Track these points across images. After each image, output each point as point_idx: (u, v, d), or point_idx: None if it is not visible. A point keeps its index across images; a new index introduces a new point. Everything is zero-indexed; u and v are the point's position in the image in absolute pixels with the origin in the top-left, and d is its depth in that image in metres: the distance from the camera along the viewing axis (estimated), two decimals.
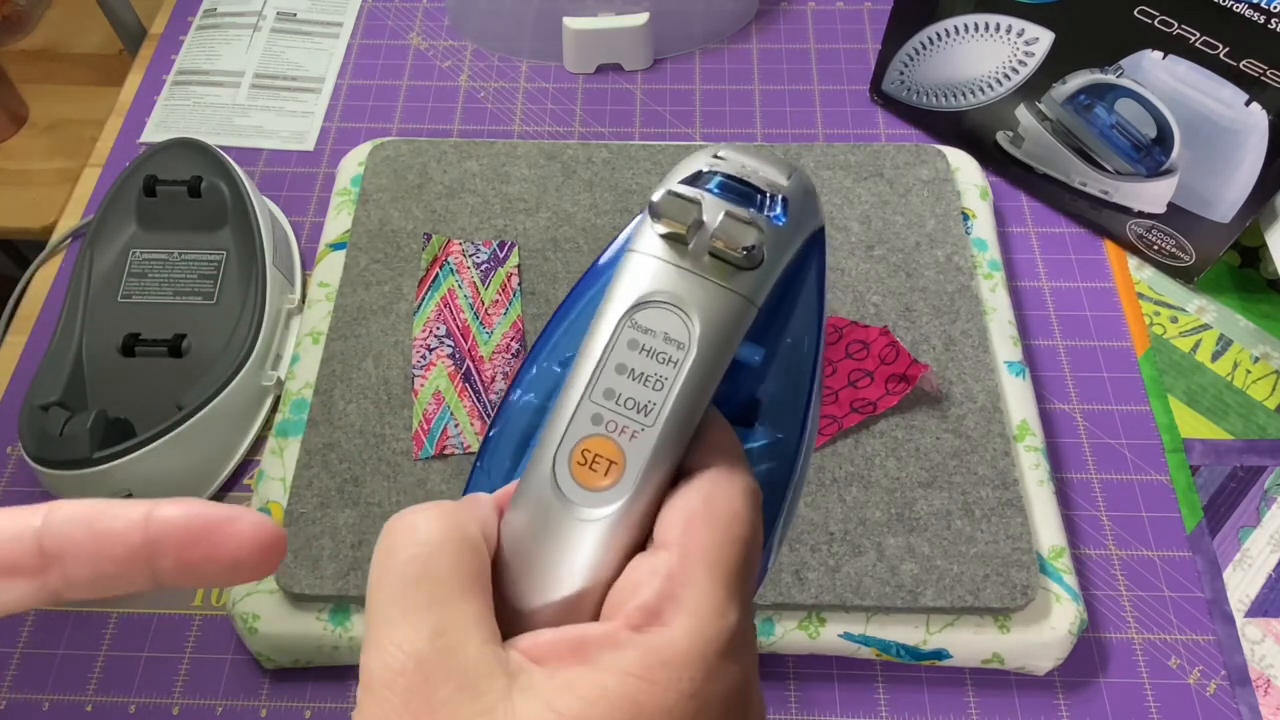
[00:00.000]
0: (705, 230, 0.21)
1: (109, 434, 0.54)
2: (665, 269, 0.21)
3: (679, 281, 0.21)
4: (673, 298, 0.21)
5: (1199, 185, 0.63)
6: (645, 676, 0.17)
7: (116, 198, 0.65)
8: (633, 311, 0.21)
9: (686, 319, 0.21)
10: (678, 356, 0.20)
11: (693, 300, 0.21)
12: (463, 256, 0.64)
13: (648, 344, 0.21)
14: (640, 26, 0.78)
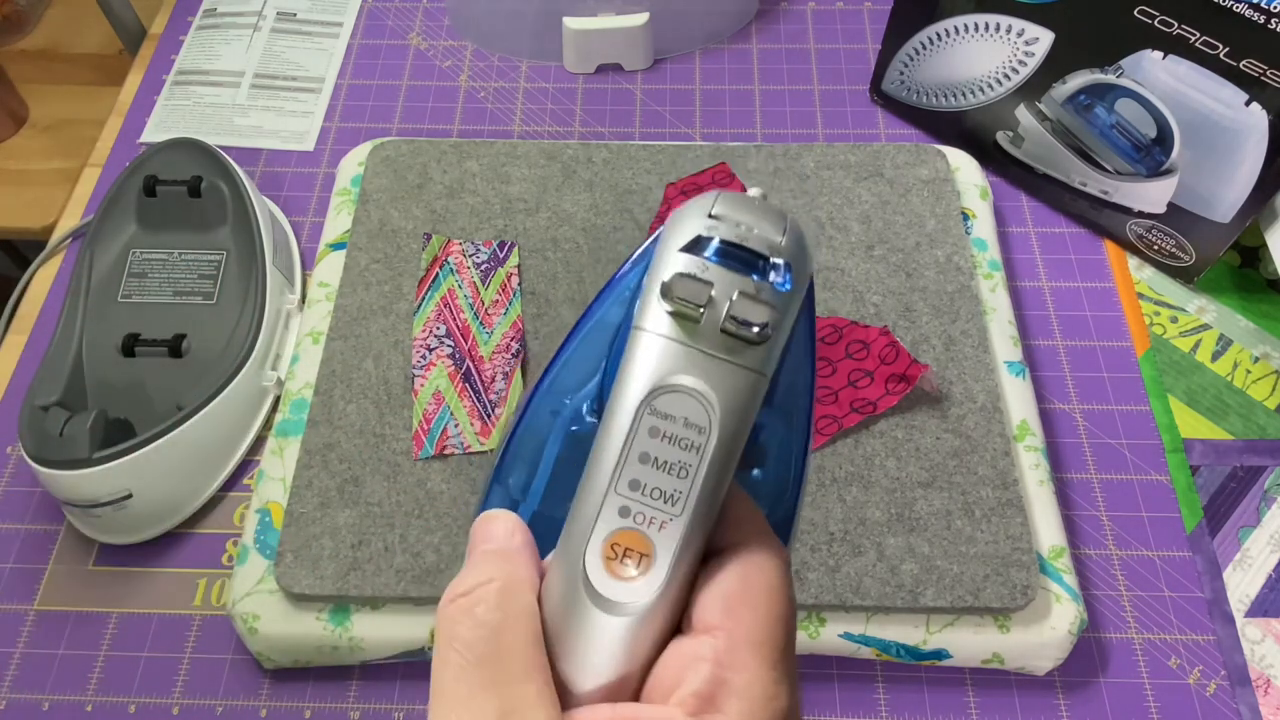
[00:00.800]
0: (716, 308, 0.21)
1: (109, 434, 0.54)
2: (678, 351, 0.21)
3: (694, 364, 0.21)
4: (691, 382, 0.21)
5: (1199, 185, 0.63)
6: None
7: (116, 198, 0.65)
8: (651, 398, 0.21)
9: (706, 403, 0.20)
10: (700, 441, 0.20)
11: (710, 382, 0.21)
12: (463, 256, 0.64)
13: (669, 430, 0.20)
14: (640, 26, 0.78)
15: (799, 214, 0.65)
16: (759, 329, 0.20)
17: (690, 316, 0.21)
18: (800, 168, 0.68)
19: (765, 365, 0.21)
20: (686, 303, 0.20)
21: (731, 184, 0.67)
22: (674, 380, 0.20)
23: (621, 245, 0.64)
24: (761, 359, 0.21)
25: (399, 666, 0.55)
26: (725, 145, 0.69)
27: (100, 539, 0.59)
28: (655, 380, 0.21)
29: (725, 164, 0.68)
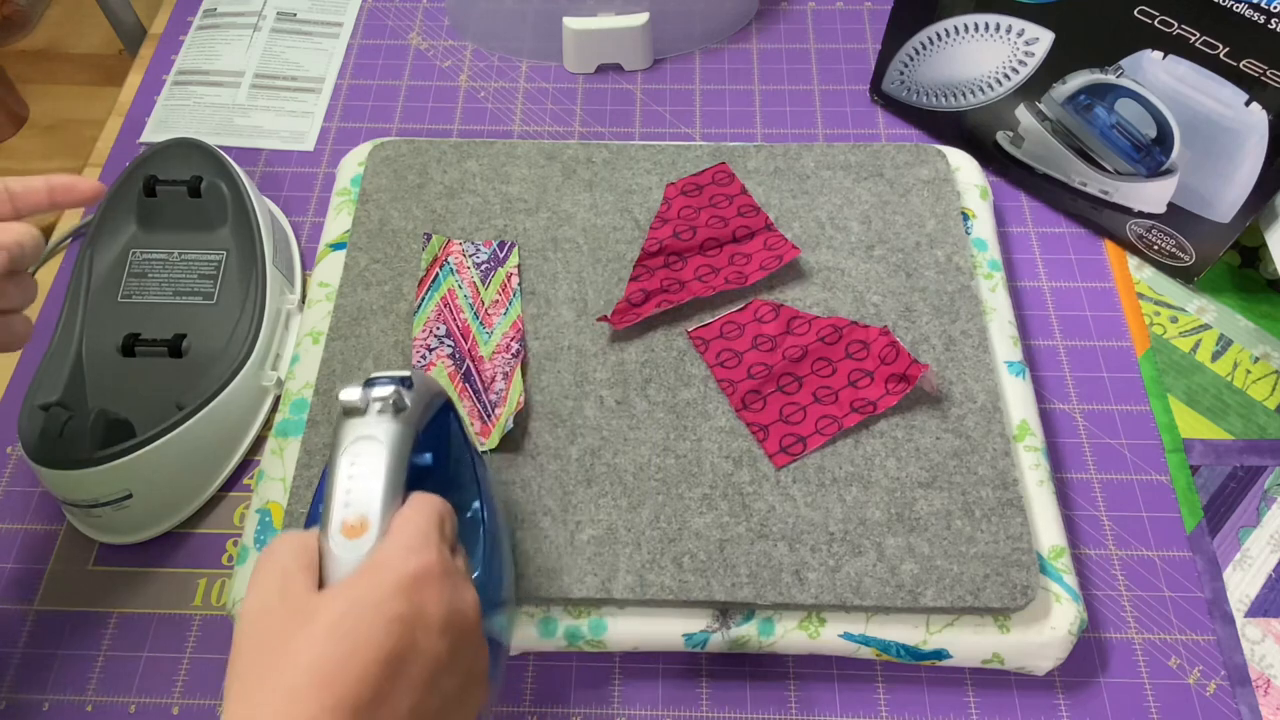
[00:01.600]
0: (371, 401, 0.37)
1: (109, 434, 0.54)
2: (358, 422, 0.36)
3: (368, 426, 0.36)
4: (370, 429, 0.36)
5: (1199, 185, 0.63)
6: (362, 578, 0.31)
7: (116, 198, 0.65)
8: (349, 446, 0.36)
9: (381, 441, 0.36)
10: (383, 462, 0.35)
11: (379, 430, 0.36)
12: (463, 256, 0.64)
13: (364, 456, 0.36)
14: (640, 26, 0.78)
15: (799, 214, 0.65)
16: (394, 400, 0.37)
17: (358, 410, 0.37)
18: (800, 168, 0.68)
19: (406, 419, 0.37)
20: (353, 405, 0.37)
21: (731, 184, 0.67)
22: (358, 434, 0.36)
23: (621, 245, 0.64)
24: (403, 419, 0.37)
25: None
26: (725, 145, 0.69)
27: (100, 539, 0.59)
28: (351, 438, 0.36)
29: (725, 164, 0.68)
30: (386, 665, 0.27)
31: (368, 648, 0.27)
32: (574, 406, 0.58)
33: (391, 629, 0.28)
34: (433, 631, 0.30)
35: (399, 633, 0.28)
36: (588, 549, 0.53)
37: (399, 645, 0.28)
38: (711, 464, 0.56)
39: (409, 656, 0.28)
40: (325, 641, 0.27)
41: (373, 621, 0.28)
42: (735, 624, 0.52)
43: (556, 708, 0.54)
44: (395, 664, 0.28)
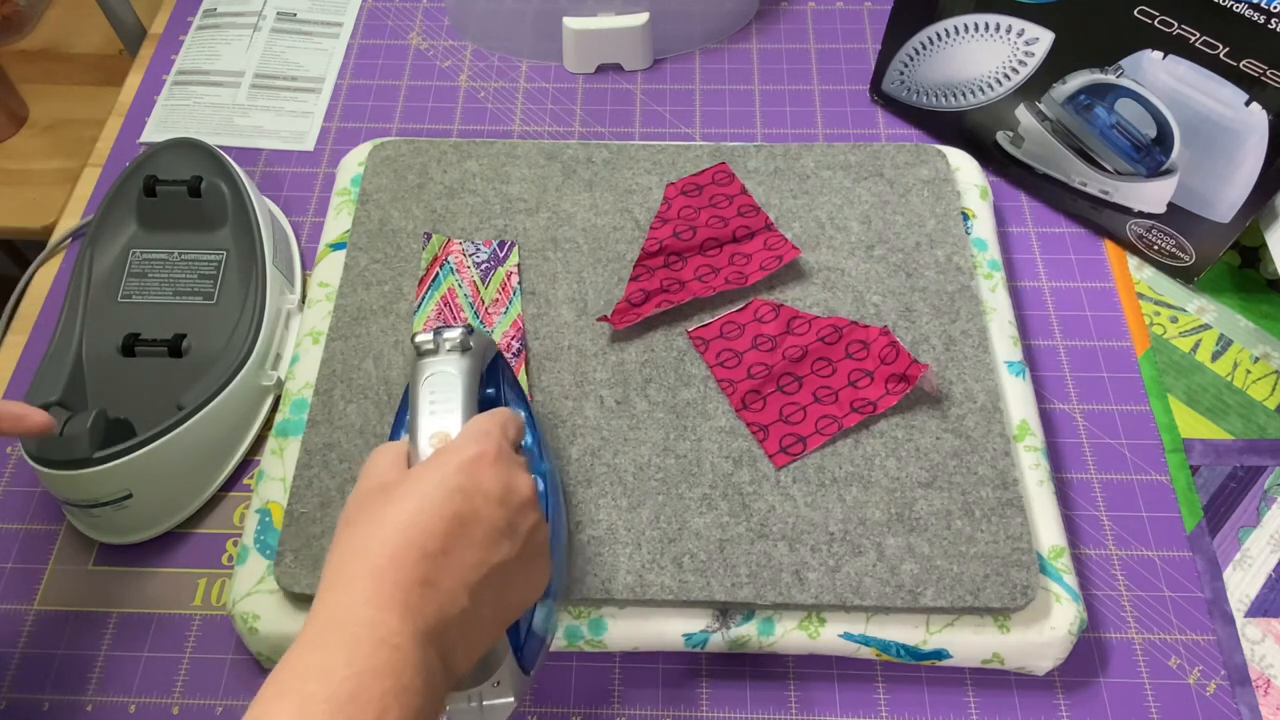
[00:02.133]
0: (443, 342, 0.43)
1: (109, 434, 0.54)
2: (432, 360, 0.43)
3: (442, 363, 0.43)
4: (445, 364, 0.43)
5: (1199, 185, 0.63)
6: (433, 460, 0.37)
7: (116, 198, 0.65)
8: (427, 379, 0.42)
9: (454, 370, 0.42)
10: (455, 387, 0.42)
11: (452, 365, 0.43)
12: (463, 256, 0.64)
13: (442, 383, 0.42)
14: (640, 26, 0.78)
15: (799, 214, 0.66)
16: (461, 338, 0.43)
17: (431, 351, 0.43)
18: (800, 168, 0.68)
19: (474, 357, 0.44)
20: (427, 343, 0.43)
21: (731, 184, 0.67)
22: (435, 369, 0.43)
23: (621, 245, 0.64)
24: (471, 354, 0.43)
25: None
26: (725, 145, 0.69)
27: (100, 539, 0.59)
28: (426, 374, 0.42)
29: (725, 164, 0.68)
30: (449, 523, 0.34)
31: (434, 509, 0.34)
32: (574, 407, 0.58)
33: (453, 496, 0.34)
34: (491, 501, 0.35)
35: (460, 500, 0.34)
36: (587, 549, 0.53)
37: (460, 509, 0.34)
38: (711, 464, 0.56)
39: (470, 519, 0.35)
40: (403, 504, 0.34)
41: (438, 490, 0.34)
42: (735, 624, 0.52)
43: (556, 708, 0.54)
44: (457, 523, 0.34)
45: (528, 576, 0.38)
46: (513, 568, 0.36)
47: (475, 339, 0.44)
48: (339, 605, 0.31)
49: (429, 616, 0.32)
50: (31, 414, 0.46)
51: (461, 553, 0.34)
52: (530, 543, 0.38)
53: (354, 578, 0.32)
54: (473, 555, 0.34)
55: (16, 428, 0.46)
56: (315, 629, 0.31)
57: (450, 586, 0.33)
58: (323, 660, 0.30)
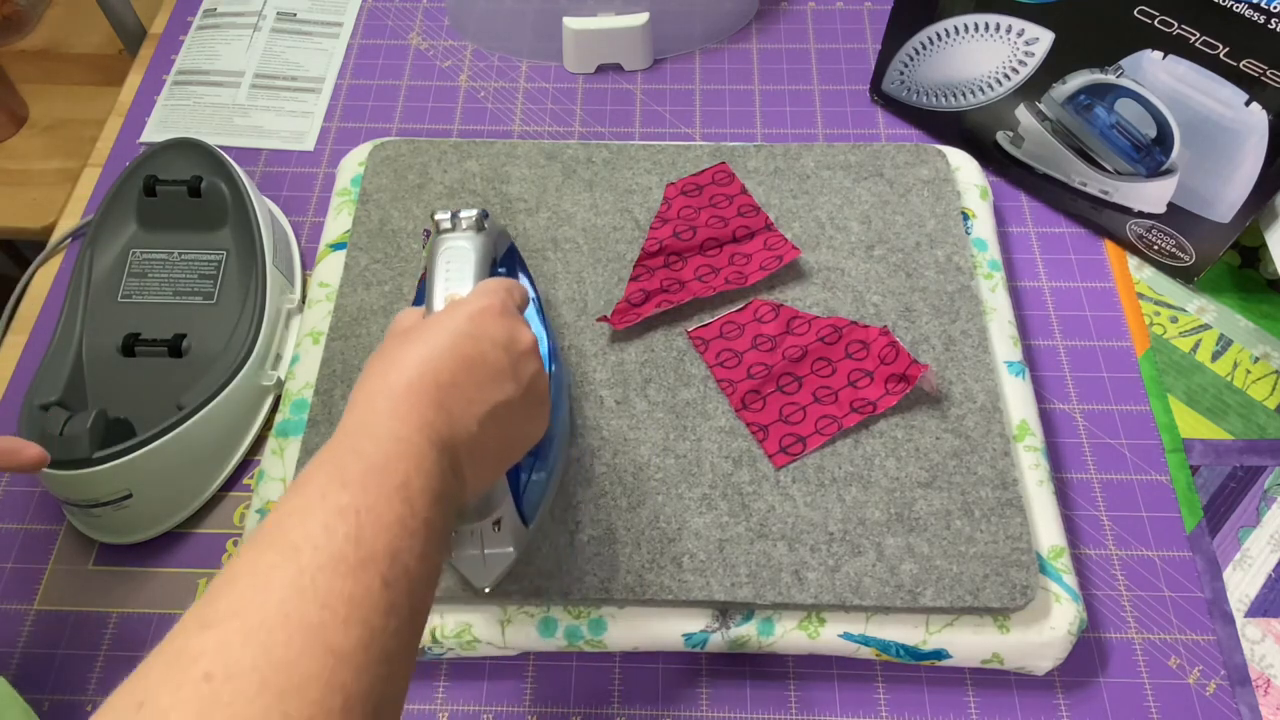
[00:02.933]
0: (459, 221, 0.47)
1: (109, 434, 0.54)
2: (449, 235, 0.47)
3: (458, 238, 0.46)
4: (460, 239, 0.46)
5: (1199, 185, 0.63)
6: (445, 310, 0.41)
7: (116, 198, 0.65)
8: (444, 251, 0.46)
9: (468, 244, 0.46)
10: (469, 258, 0.45)
11: (467, 240, 0.46)
12: None
13: (457, 254, 0.46)
14: (640, 26, 0.78)
15: (799, 214, 0.66)
16: (477, 218, 0.47)
17: (449, 229, 0.47)
18: (800, 168, 0.68)
19: (489, 235, 0.48)
20: (445, 221, 0.47)
21: (731, 184, 0.67)
22: (451, 243, 0.46)
23: (621, 245, 0.64)
24: (487, 232, 0.47)
25: None
26: (725, 145, 0.69)
27: (100, 539, 0.59)
28: (444, 247, 0.46)
29: (725, 164, 0.68)
30: (459, 360, 0.38)
31: (446, 349, 0.38)
32: (574, 407, 0.58)
33: (463, 339, 0.39)
34: (496, 346, 0.40)
35: (468, 343, 0.39)
36: (587, 549, 0.53)
37: (469, 350, 0.38)
38: (711, 464, 0.56)
39: (477, 360, 0.39)
40: (418, 345, 0.38)
41: (449, 334, 0.39)
42: (735, 624, 0.52)
43: (556, 708, 0.54)
44: (466, 362, 0.38)
45: (528, 418, 0.42)
46: (515, 407, 0.40)
47: (490, 222, 0.49)
48: (361, 419, 0.35)
49: (441, 433, 0.36)
50: (26, 448, 0.46)
51: (470, 387, 0.38)
52: (531, 388, 0.41)
53: (374, 400, 0.36)
54: (479, 390, 0.38)
55: (10, 462, 0.46)
56: (340, 435, 0.35)
57: (460, 413, 0.37)
58: (352, 445, 0.34)
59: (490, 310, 0.41)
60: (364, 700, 0.28)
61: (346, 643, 0.28)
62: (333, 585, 0.28)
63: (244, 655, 0.26)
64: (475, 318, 0.40)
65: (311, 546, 0.29)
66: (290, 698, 0.26)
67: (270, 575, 0.28)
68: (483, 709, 0.54)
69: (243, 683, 0.25)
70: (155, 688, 0.26)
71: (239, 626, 0.27)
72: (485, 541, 0.47)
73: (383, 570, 0.30)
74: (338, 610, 0.28)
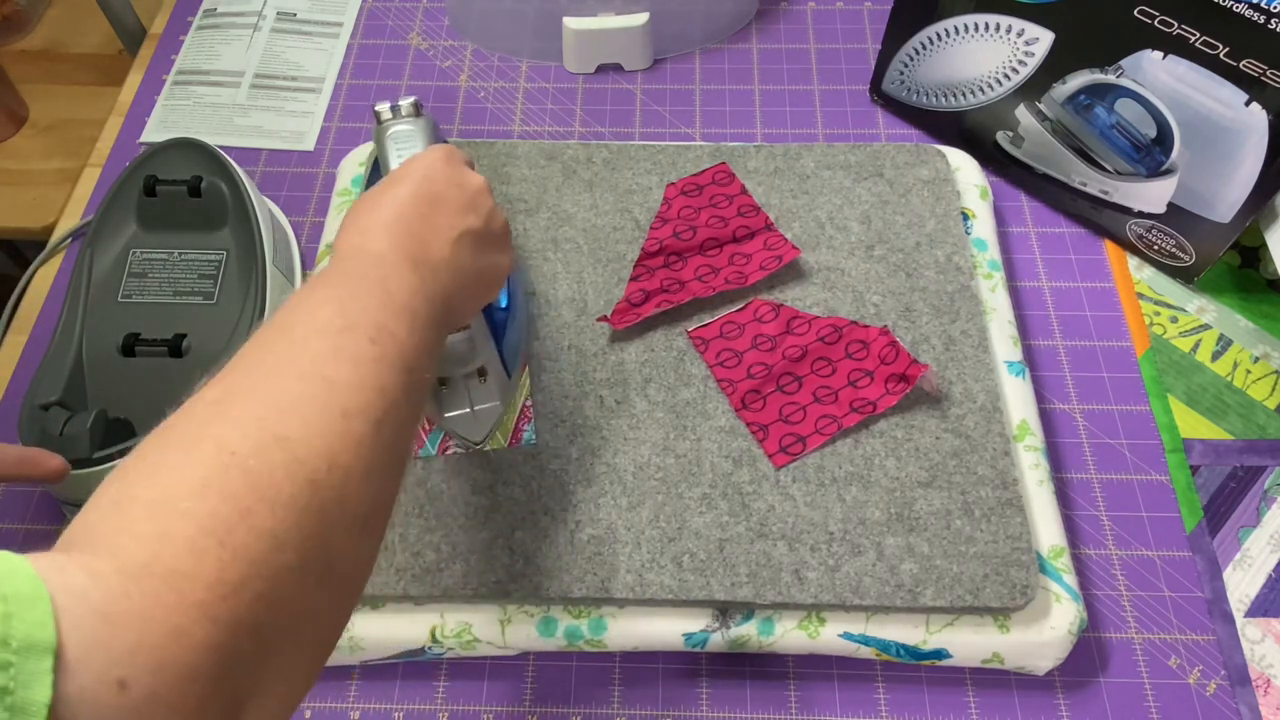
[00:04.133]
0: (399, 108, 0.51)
1: (109, 434, 0.54)
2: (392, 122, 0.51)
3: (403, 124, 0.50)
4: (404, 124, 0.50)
5: (1199, 185, 0.63)
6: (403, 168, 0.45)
7: (116, 198, 0.65)
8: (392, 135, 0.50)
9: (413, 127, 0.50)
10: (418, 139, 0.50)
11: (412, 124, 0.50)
12: None
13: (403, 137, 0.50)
14: (640, 26, 0.78)
15: (799, 214, 0.66)
16: (413, 106, 0.51)
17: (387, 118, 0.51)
18: (800, 168, 0.68)
19: (425, 120, 0.51)
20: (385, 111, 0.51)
21: (731, 184, 0.67)
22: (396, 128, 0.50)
23: (621, 245, 0.64)
24: (424, 119, 0.51)
25: (399, 666, 0.55)
26: (725, 145, 0.69)
27: None
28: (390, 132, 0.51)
29: (725, 164, 0.68)
30: (423, 199, 0.43)
31: (408, 191, 0.42)
32: (574, 406, 0.58)
33: (418, 185, 0.43)
34: (453, 185, 0.44)
35: (428, 184, 0.43)
36: (587, 549, 0.53)
37: (430, 190, 0.43)
38: (711, 464, 0.56)
39: (439, 197, 0.43)
40: (384, 195, 0.42)
41: (410, 182, 0.43)
42: (735, 624, 0.52)
43: (556, 708, 0.54)
44: (429, 199, 0.43)
45: (495, 247, 0.46)
46: (480, 235, 0.45)
47: (426, 109, 0.52)
48: (341, 253, 0.40)
49: (416, 254, 0.40)
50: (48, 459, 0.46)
51: (436, 218, 0.43)
52: (491, 221, 0.46)
53: (352, 238, 0.41)
54: (445, 220, 0.43)
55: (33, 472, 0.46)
56: (328, 267, 0.39)
57: (431, 240, 0.42)
58: (334, 266, 0.39)
59: (439, 159, 0.45)
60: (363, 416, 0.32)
61: (340, 376, 0.32)
62: (322, 344, 0.33)
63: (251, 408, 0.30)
64: (428, 165, 0.45)
65: (301, 321, 0.34)
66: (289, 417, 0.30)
67: (267, 347, 0.33)
68: (483, 709, 0.54)
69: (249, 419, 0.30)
70: None
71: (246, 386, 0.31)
72: (472, 397, 0.52)
73: (369, 333, 0.34)
74: (329, 358, 0.33)
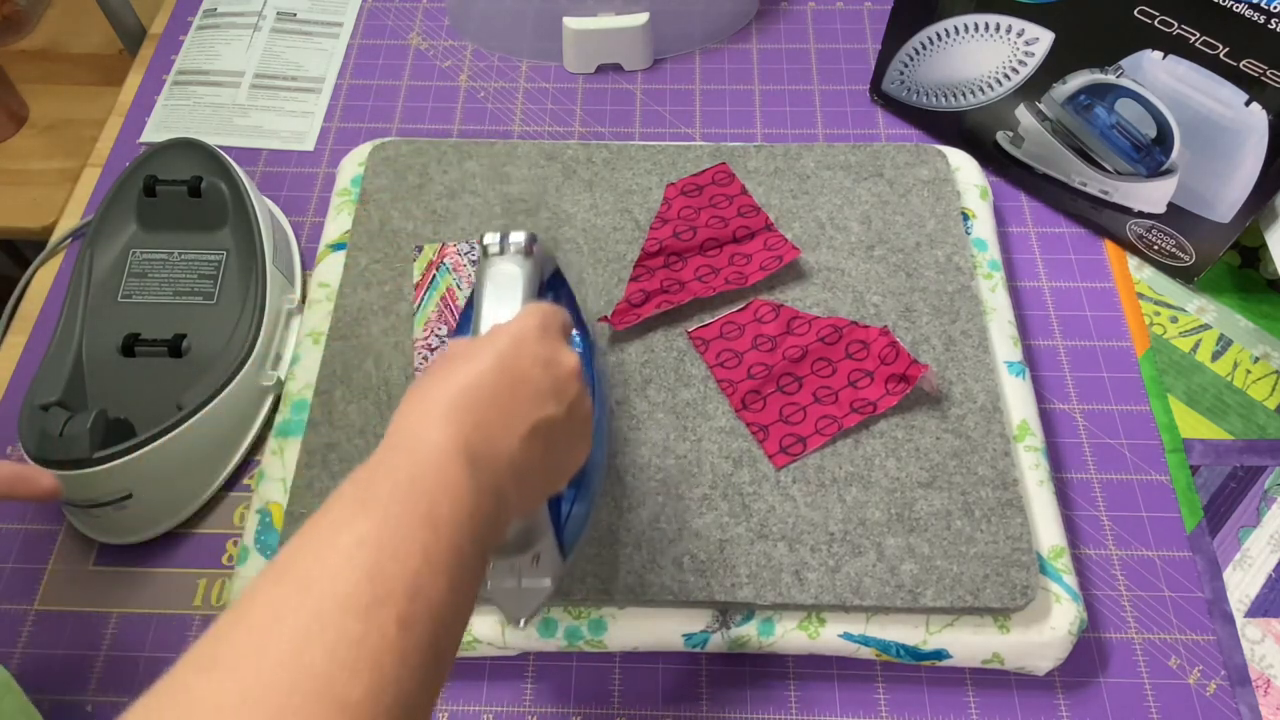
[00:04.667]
0: (508, 245, 0.47)
1: (109, 434, 0.54)
2: (497, 259, 0.47)
3: (506, 262, 0.47)
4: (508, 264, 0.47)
5: (1199, 185, 0.63)
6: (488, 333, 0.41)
7: (116, 198, 0.65)
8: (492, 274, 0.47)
9: (516, 269, 0.46)
10: (519, 284, 0.46)
11: (515, 265, 0.47)
12: (458, 256, 0.64)
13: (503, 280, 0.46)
14: (640, 26, 0.78)
15: (799, 214, 0.65)
16: (524, 243, 0.47)
17: (494, 253, 0.47)
18: (800, 168, 0.68)
19: (535, 263, 0.47)
20: (494, 245, 0.47)
21: (731, 184, 0.67)
22: (499, 267, 0.47)
23: (621, 245, 0.64)
24: (534, 258, 0.47)
25: None
26: (725, 145, 0.69)
27: (100, 539, 0.59)
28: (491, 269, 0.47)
29: (725, 164, 0.68)
30: (500, 378, 0.38)
31: (487, 368, 0.38)
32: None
33: (502, 360, 0.39)
34: (537, 364, 0.40)
35: (510, 361, 0.39)
36: (587, 549, 0.53)
37: (510, 368, 0.39)
38: (711, 464, 0.56)
39: (519, 379, 0.39)
40: (460, 367, 0.38)
41: (491, 354, 0.39)
42: (735, 624, 0.52)
43: (556, 708, 0.54)
44: (506, 379, 0.38)
45: (571, 440, 0.42)
46: (558, 427, 0.40)
47: (538, 248, 0.48)
48: (397, 438, 0.35)
49: (479, 449, 0.35)
50: (40, 476, 0.45)
51: (511, 404, 0.38)
52: (575, 410, 0.41)
53: (410, 419, 0.36)
54: (521, 408, 0.38)
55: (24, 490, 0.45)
56: (377, 452, 0.34)
57: (500, 430, 0.37)
58: (385, 460, 0.34)
59: (532, 330, 0.41)
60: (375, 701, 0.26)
61: (354, 693, 0.26)
62: (344, 628, 0.27)
63: (241, 708, 0.25)
64: (518, 337, 0.40)
65: (325, 579, 0.28)
66: None
67: (279, 612, 0.27)
68: (483, 709, 0.54)
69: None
70: None
71: (240, 674, 0.25)
72: (522, 574, 0.46)
73: (400, 609, 0.28)
74: (346, 657, 0.26)
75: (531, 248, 0.47)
